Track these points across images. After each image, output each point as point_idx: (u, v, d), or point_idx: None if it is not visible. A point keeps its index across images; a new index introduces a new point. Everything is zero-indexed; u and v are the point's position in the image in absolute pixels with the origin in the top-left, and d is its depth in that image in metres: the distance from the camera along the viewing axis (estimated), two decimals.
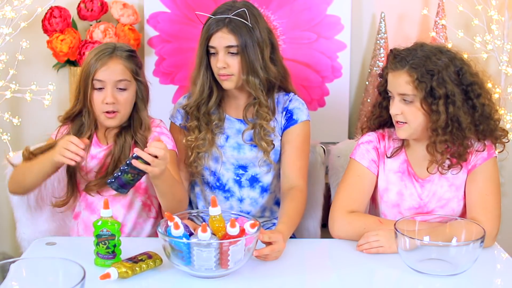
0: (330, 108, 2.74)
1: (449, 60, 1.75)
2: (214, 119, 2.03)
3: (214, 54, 1.95)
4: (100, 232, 1.66)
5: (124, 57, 1.90)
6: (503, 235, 2.41)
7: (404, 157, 1.89)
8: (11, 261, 1.39)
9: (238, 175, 2.05)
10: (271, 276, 1.61)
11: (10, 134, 2.59)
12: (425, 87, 1.72)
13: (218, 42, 1.93)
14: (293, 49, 2.71)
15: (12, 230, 2.77)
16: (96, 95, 1.88)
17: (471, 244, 1.59)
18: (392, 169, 1.89)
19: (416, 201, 1.86)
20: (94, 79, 1.87)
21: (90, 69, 1.87)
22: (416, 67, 1.73)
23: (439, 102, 1.72)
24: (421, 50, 1.77)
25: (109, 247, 1.65)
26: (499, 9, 2.59)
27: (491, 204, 1.79)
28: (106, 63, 1.87)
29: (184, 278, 1.61)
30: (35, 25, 2.56)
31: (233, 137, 2.04)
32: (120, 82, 1.88)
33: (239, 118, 2.04)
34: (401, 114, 1.78)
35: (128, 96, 1.90)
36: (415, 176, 1.87)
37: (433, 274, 1.60)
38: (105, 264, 1.65)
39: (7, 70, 2.53)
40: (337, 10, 2.69)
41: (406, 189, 1.87)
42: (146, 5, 2.69)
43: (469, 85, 1.76)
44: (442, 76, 1.73)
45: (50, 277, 1.40)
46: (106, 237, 1.65)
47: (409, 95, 1.75)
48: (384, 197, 1.90)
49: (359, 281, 1.63)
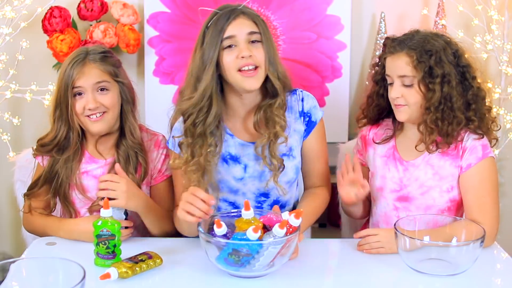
0: (330, 108, 2.74)
1: (445, 43, 1.80)
2: (210, 142, 1.77)
3: (231, 47, 1.72)
4: (100, 232, 1.66)
5: (98, 60, 1.82)
6: (503, 235, 2.41)
7: (393, 143, 1.92)
8: (11, 261, 1.39)
9: (260, 202, 1.86)
10: (270, 276, 1.61)
11: (10, 134, 2.59)
12: (424, 67, 1.76)
13: (238, 29, 1.71)
14: (293, 49, 2.71)
15: (12, 230, 2.78)
16: (78, 103, 1.81)
17: (471, 244, 1.59)
18: (379, 154, 1.93)
19: (397, 184, 1.88)
20: (73, 88, 1.80)
21: (68, 81, 1.80)
22: (415, 48, 1.77)
23: (436, 81, 1.76)
24: (417, 34, 1.81)
25: (109, 247, 1.65)
26: (499, 9, 2.59)
27: (489, 205, 1.80)
28: (81, 71, 1.79)
29: (184, 278, 1.61)
30: (35, 25, 2.56)
31: (252, 165, 1.82)
32: (99, 84, 1.81)
33: (253, 141, 1.81)
34: (401, 97, 1.80)
35: (112, 96, 1.83)
36: (400, 159, 1.89)
37: (433, 274, 1.60)
38: (105, 264, 1.65)
39: (7, 70, 2.53)
40: (337, 10, 2.69)
41: (389, 172, 1.90)
42: (146, 5, 2.68)
43: (465, 66, 1.80)
44: (440, 56, 1.76)
45: (50, 277, 1.40)
46: (106, 237, 1.65)
47: (408, 77, 1.78)
48: (371, 181, 1.93)
49: (359, 281, 1.63)
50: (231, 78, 1.74)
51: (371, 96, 1.94)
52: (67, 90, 1.80)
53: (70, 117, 1.82)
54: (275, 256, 1.54)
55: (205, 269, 1.64)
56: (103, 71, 1.82)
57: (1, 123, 2.60)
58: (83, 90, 1.81)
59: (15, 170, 2.13)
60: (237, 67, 1.72)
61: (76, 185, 1.89)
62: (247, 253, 1.52)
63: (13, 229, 2.73)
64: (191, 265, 1.67)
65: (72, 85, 1.80)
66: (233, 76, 1.73)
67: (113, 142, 1.90)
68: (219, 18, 1.74)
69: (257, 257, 1.52)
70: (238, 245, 1.52)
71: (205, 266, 1.64)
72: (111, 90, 1.84)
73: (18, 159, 2.14)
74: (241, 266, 1.55)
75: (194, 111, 1.75)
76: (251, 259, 1.53)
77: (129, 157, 1.88)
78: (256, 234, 1.52)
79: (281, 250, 1.55)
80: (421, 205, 1.85)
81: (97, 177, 1.88)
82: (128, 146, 1.87)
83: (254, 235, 1.52)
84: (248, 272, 1.56)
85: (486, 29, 2.60)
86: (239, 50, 1.72)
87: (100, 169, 1.90)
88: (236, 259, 1.53)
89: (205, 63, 1.73)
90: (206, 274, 1.63)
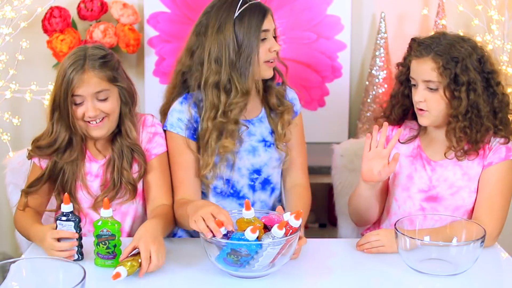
0: (330, 108, 2.74)
1: (471, 48, 1.78)
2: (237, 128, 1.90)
3: (263, 40, 1.86)
4: (100, 232, 1.65)
5: (97, 68, 1.79)
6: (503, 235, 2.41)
7: (418, 143, 1.91)
8: (11, 261, 1.39)
9: (252, 180, 1.97)
10: (270, 275, 1.61)
11: (10, 134, 2.59)
12: (449, 74, 1.75)
13: (270, 25, 1.87)
14: (293, 49, 2.71)
15: (12, 230, 2.77)
16: (78, 110, 1.80)
17: (472, 244, 1.59)
18: (404, 154, 1.91)
19: (425, 184, 1.87)
20: (73, 96, 1.78)
21: (67, 88, 1.78)
22: (441, 54, 1.76)
23: (461, 88, 1.75)
24: (444, 38, 1.79)
25: (109, 247, 1.65)
26: (499, 9, 2.59)
27: (498, 204, 1.80)
28: (80, 79, 1.77)
29: (184, 278, 1.61)
30: (35, 25, 2.56)
31: (247, 140, 1.95)
32: (98, 94, 1.80)
33: (249, 119, 1.95)
34: (424, 101, 1.80)
35: (111, 103, 1.82)
36: (427, 159, 1.88)
37: (433, 274, 1.60)
38: (105, 264, 1.65)
39: (7, 70, 2.53)
40: (337, 10, 2.69)
41: (416, 172, 1.89)
42: (146, 5, 2.69)
43: (490, 73, 1.79)
44: (466, 63, 1.75)
45: (50, 277, 1.40)
46: (106, 237, 1.65)
47: (434, 82, 1.77)
48: (396, 180, 1.92)
49: (359, 281, 1.63)
50: (257, 68, 1.86)
51: (396, 96, 1.92)
52: (67, 97, 1.78)
53: (72, 123, 1.81)
54: (275, 256, 1.54)
55: (205, 269, 1.64)
56: (102, 79, 1.80)
57: (1, 123, 2.60)
58: (83, 98, 1.79)
59: (7, 172, 2.09)
60: (267, 59, 1.88)
61: (82, 184, 1.89)
62: (246, 254, 1.52)
63: (13, 229, 2.72)
64: (191, 265, 1.67)
65: (72, 93, 1.78)
66: (260, 66, 1.87)
67: (110, 140, 1.90)
68: (253, 10, 1.85)
69: (256, 257, 1.52)
70: (236, 245, 1.51)
71: (205, 266, 1.64)
72: (111, 96, 1.82)
73: (9, 161, 2.10)
74: (240, 266, 1.54)
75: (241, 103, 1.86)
76: (250, 259, 1.52)
77: (123, 153, 1.87)
78: (254, 234, 1.52)
79: (282, 251, 1.54)
80: (450, 206, 1.85)
81: (98, 175, 1.89)
82: (123, 144, 1.87)
83: (252, 235, 1.52)
84: (248, 272, 1.56)
85: (486, 29, 2.60)
86: (271, 44, 1.87)
87: (101, 168, 1.90)
88: (235, 259, 1.53)
89: (248, 52, 1.83)
90: (206, 274, 1.62)
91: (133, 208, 1.92)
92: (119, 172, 1.86)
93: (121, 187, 1.87)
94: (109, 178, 1.88)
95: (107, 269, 1.61)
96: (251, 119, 1.96)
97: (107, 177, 1.89)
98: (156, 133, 1.92)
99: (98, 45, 1.91)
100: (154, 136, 1.91)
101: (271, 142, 1.97)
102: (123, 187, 1.87)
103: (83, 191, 1.89)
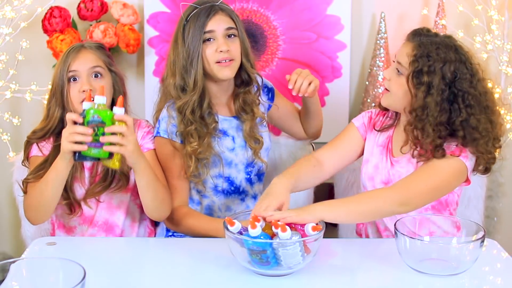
0: (330, 108, 2.74)
1: (455, 60, 1.75)
2: (210, 122, 1.97)
3: (210, 40, 1.92)
4: (90, 118, 1.61)
5: (94, 48, 1.90)
6: (503, 235, 2.42)
7: (390, 134, 1.93)
8: (12, 261, 1.39)
9: (248, 173, 2.06)
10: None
11: (10, 134, 2.59)
12: (416, 66, 1.75)
13: (217, 25, 1.91)
14: (293, 49, 2.71)
15: (12, 230, 2.78)
16: (72, 87, 1.86)
17: (472, 244, 1.59)
18: (377, 143, 1.94)
19: (385, 176, 1.89)
20: (68, 72, 1.85)
21: (64, 67, 1.85)
22: (421, 46, 1.76)
23: (420, 88, 1.75)
24: (441, 38, 1.79)
25: (97, 134, 1.61)
26: (499, 9, 2.59)
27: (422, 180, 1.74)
28: (76, 56, 1.86)
29: (186, 279, 1.61)
30: (35, 25, 2.56)
31: (237, 136, 2.03)
32: (94, 69, 1.87)
33: (234, 116, 2.04)
34: (389, 80, 1.82)
35: (106, 84, 1.87)
36: (390, 151, 1.90)
37: (434, 274, 1.60)
38: (91, 153, 1.62)
39: (7, 70, 2.53)
40: (337, 10, 2.69)
41: (381, 163, 1.91)
42: (146, 5, 2.69)
43: (461, 91, 1.74)
44: (435, 66, 1.74)
45: (50, 277, 1.40)
46: (95, 124, 1.61)
47: (402, 67, 1.79)
48: (364, 168, 1.94)
49: (359, 280, 1.63)
50: (209, 68, 1.93)
51: None
52: (63, 76, 1.85)
53: (66, 101, 1.86)
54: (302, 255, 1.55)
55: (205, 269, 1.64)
56: (98, 57, 1.89)
57: (1, 123, 2.61)
58: (78, 74, 1.85)
59: (14, 170, 2.12)
60: (215, 60, 1.92)
61: (78, 178, 1.90)
62: (261, 250, 1.52)
63: (13, 229, 2.73)
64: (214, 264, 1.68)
65: (68, 69, 1.85)
66: (211, 66, 1.93)
67: None
68: (199, 13, 1.92)
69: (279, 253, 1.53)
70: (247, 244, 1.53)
71: (205, 266, 1.65)
72: (105, 78, 1.89)
73: (17, 159, 2.13)
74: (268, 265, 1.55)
75: (191, 101, 1.92)
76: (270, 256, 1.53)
77: None
78: (255, 230, 1.53)
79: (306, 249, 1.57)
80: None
81: (89, 169, 1.91)
82: None
83: (254, 231, 1.53)
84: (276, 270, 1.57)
85: (486, 29, 2.60)
86: (217, 44, 1.91)
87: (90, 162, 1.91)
88: (258, 258, 1.54)
89: (191, 55, 1.92)
90: (207, 273, 1.63)
91: (125, 203, 1.94)
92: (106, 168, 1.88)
93: (114, 178, 1.90)
94: (100, 171, 1.91)
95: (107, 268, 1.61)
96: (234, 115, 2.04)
97: (97, 169, 1.91)
98: (149, 132, 1.99)
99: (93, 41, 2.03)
100: (147, 134, 1.98)
101: None
102: (117, 177, 1.90)
103: (78, 183, 1.91)
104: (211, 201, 2.03)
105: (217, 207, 2.03)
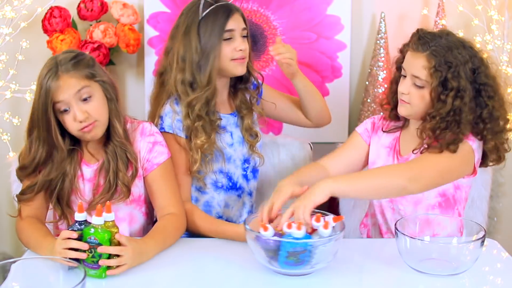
0: (330, 108, 2.72)
1: (469, 57, 1.76)
2: (214, 119, 1.99)
3: (229, 40, 1.96)
4: (88, 239, 1.57)
5: (71, 69, 1.75)
6: (503, 235, 2.41)
7: (397, 135, 1.93)
8: (12, 261, 1.39)
9: (245, 169, 2.09)
10: (269, 275, 1.61)
11: (10, 134, 2.59)
12: (439, 76, 1.74)
13: (237, 25, 1.96)
14: None
15: (12, 230, 2.77)
16: (66, 118, 1.76)
17: (472, 244, 1.59)
18: (384, 144, 1.94)
19: None
20: (55, 103, 1.74)
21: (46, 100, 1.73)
22: (436, 55, 1.75)
23: (449, 93, 1.74)
24: (446, 39, 1.78)
25: (94, 256, 1.57)
26: (499, 9, 2.59)
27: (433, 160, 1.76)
28: (57, 85, 1.72)
29: (187, 277, 1.61)
30: (35, 25, 2.56)
31: (235, 132, 2.07)
32: (79, 93, 1.75)
33: (231, 112, 2.08)
34: (408, 94, 1.81)
35: (97, 102, 1.78)
36: (398, 152, 1.90)
37: (434, 274, 1.60)
38: (88, 273, 1.54)
39: (7, 70, 2.53)
40: (337, 10, 2.69)
41: (388, 164, 1.90)
42: (146, 5, 2.69)
43: (483, 84, 1.77)
44: (458, 70, 1.74)
45: (50, 277, 1.40)
46: (92, 246, 1.57)
47: (421, 80, 1.77)
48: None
49: (359, 280, 1.63)
50: (225, 65, 1.97)
51: (393, 81, 1.93)
52: (47, 109, 1.74)
53: (55, 137, 1.77)
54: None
55: (205, 269, 1.64)
56: (79, 78, 1.76)
57: (1, 123, 2.60)
58: (66, 103, 1.75)
59: (11, 171, 2.10)
60: (231, 57, 1.97)
61: (77, 189, 1.86)
62: (302, 250, 1.54)
63: (13, 229, 2.72)
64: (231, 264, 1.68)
65: (53, 101, 1.74)
66: (227, 64, 1.97)
67: (102, 142, 1.86)
68: (217, 11, 1.94)
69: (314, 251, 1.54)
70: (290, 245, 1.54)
71: (205, 265, 1.64)
72: (94, 95, 1.78)
73: (14, 159, 2.11)
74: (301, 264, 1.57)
75: (203, 97, 1.94)
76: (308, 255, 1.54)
77: (117, 155, 1.83)
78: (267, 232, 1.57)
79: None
80: (411, 199, 1.87)
81: (90, 180, 1.86)
82: (116, 145, 1.84)
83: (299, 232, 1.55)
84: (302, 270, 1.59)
85: (486, 29, 2.60)
86: (237, 43, 1.96)
87: (94, 173, 1.86)
88: (295, 259, 1.55)
89: (208, 52, 1.94)
90: (206, 273, 1.63)
91: (127, 214, 1.90)
92: (114, 174, 1.83)
93: (116, 190, 1.83)
94: (102, 182, 1.84)
95: None
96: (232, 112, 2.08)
97: (99, 182, 1.85)
98: (156, 142, 1.90)
99: (67, 50, 1.90)
100: (154, 146, 1.89)
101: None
102: (119, 189, 1.83)
103: (76, 196, 1.86)
104: (210, 197, 2.04)
105: (216, 203, 2.05)
